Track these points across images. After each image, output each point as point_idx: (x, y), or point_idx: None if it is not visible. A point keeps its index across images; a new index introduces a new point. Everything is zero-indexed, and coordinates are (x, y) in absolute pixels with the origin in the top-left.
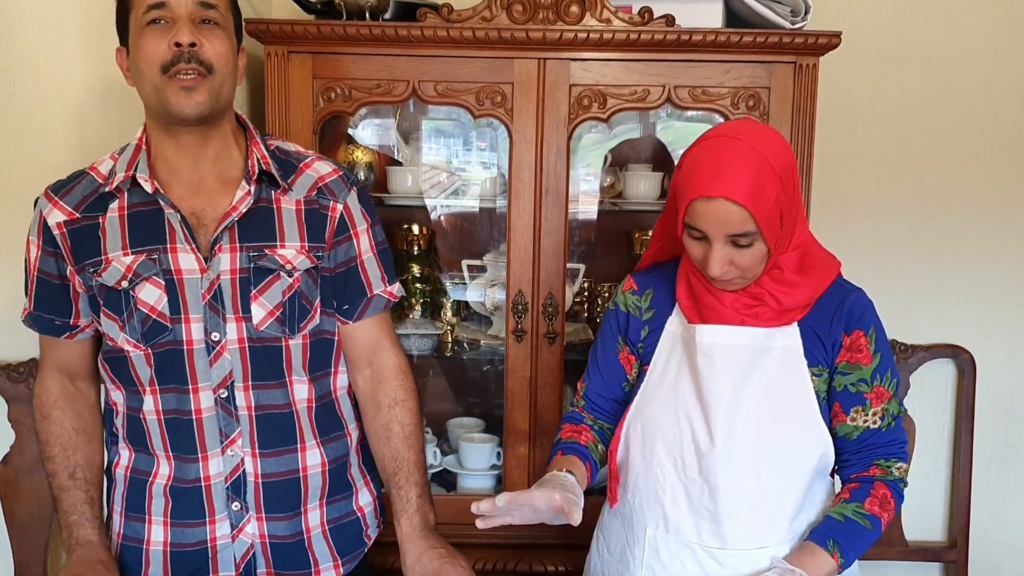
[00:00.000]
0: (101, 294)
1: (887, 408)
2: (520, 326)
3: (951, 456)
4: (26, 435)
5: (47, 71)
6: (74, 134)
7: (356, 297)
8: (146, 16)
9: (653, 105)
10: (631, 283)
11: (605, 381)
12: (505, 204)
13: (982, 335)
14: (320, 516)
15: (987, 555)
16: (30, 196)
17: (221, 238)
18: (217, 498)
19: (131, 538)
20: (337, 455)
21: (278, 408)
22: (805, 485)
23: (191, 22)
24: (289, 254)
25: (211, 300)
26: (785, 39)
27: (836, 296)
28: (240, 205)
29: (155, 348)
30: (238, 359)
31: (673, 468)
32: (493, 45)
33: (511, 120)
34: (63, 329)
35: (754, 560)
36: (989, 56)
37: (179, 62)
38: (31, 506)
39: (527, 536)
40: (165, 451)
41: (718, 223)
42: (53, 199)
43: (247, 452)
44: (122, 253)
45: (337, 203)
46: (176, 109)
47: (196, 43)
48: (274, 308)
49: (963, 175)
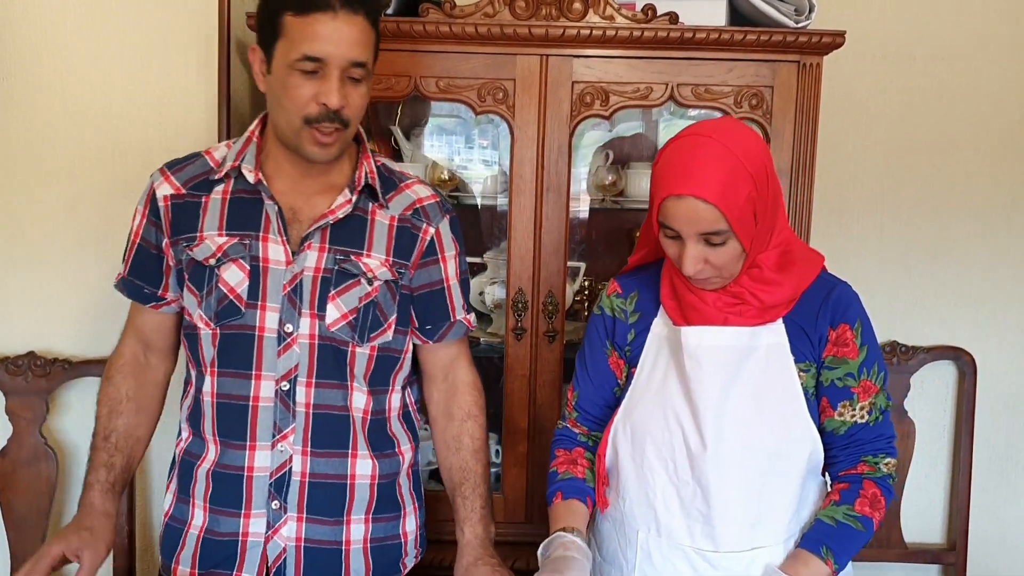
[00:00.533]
0: (188, 268)
1: (874, 402)
2: (520, 324)
3: (951, 458)
4: (24, 428)
5: (47, 65)
6: (76, 129)
7: (440, 320)
8: (300, 64)
9: (656, 103)
10: (615, 286)
11: (596, 388)
12: (506, 201)
13: (983, 337)
14: (364, 531)
15: (986, 558)
16: (30, 193)
17: (312, 236)
18: (257, 492)
19: (177, 519)
20: (389, 471)
21: (336, 410)
22: (797, 485)
23: (342, 78)
24: (373, 264)
25: (291, 292)
26: (789, 38)
27: (821, 290)
28: (339, 210)
29: (223, 329)
30: (306, 354)
31: (664, 471)
32: (495, 41)
33: (513, 117)
34: (150, 298)
35: (747, 562)
36: (994, 57)
37: (323, 120)
38: (28, 499)
39: (525, 534)
40: (214, 435)
41: (689, 222)
42: (166, 174)
43: (297, 450)
44: (216, 233)
45: (430, 226)
46: (307, 155)
47: (343, 105)
48: (348, 312)
49: (966, 177)
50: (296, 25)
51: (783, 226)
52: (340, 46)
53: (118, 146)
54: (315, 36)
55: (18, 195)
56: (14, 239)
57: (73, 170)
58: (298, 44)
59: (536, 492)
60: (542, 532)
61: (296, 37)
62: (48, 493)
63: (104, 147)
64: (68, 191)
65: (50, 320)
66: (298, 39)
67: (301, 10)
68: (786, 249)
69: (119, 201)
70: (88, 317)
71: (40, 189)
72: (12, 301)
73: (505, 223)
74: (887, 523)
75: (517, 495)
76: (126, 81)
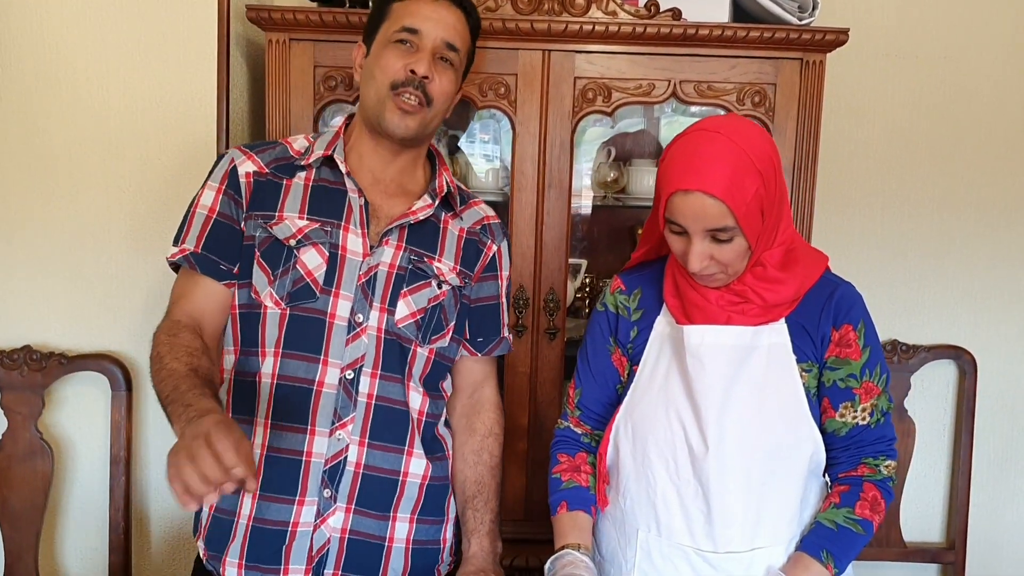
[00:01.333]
0: (263, 245)
1: (876, 404)
2: (520, 321)
3: (951, 457)
4: (20, 423)
5: (44, 58)
6: (73, 122)
7: (491, 333)
8: (397, 34)
9: (658, 100)
10: (619, 283)
11: (599, 386)
12: (507, 196)
13: (984, 336)
14: (408, 530)
15: (985, 557)
16: (27, 186)
17: (391, 233)
18: (312, 478)
19: (224, 510)
20: (439, 475)
21: (396, 404)
22: (798, 485)
23: (432, 55)
24: (444, 268)
25: (364, 284)
26: (792, 35)
27: (824, 290)
28: (420, 212)
29: (294, 311)
30: (373, 346)
31: (665, 470)
32: (497, 36)
33: (514, 112)
34: (225, 275)
35: (747, 562)
36: (997, 57)
37: (408, 86)
38: (24, 494)
39: (523, 533)
40: (266, 418)
41: (695, 217)
42: (247, 152)
43: (355, 440)
44: (297, 216)
45: (494, 244)
46: (387, 125)
47: (429, 76)
48: (417, 311)
49: (968, 176)
50: (400, 7)
51: (788, 224)
52: (437, 24)
53: (116, 139)
54: (416, 12)
55: (15, 188)
56: (11, 233)
57: (70, 163)
58: (398, 19)
59: (535, 490)
60: (540, 530)
61: (398, 15)
62: (43, 488)
63: (102, 140)
64: (65, 184)
65: (46, 314)
66: (399, 16)
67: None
68: (790, 248)
69: (117, 194)
70: (85, 311)
71: (37, 182)
72: (8, 295)
73: (506, 219)
74: (886, 522)
75: (516, 493)
76: (124, 74)
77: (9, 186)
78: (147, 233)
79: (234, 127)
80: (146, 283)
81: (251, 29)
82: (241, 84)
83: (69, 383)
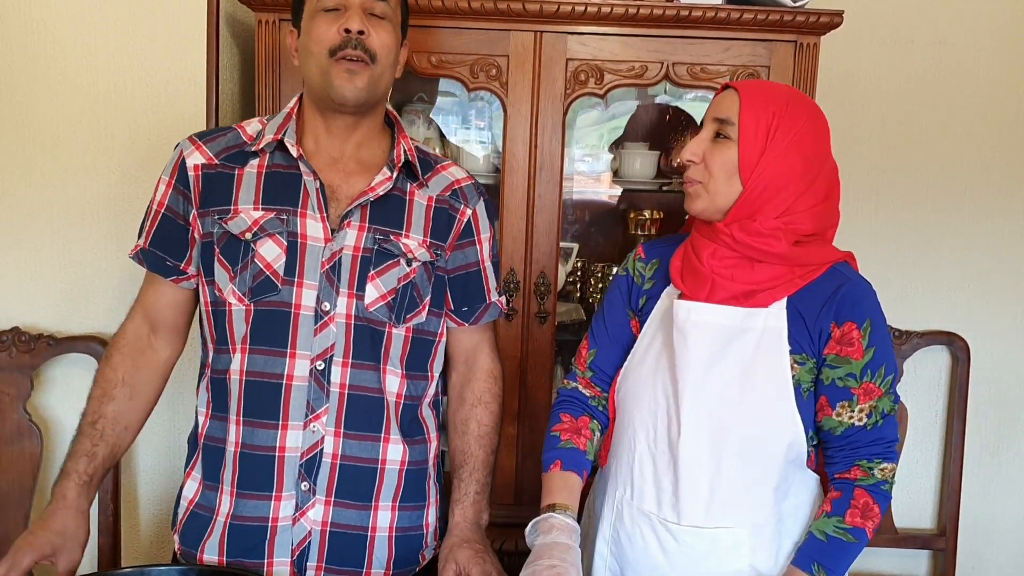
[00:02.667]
0: (220, 241)
1: (876, 406)
2: (511, 305)
3: (943, 444)
4: (8, 404)
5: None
6: (62, 104)
7: (476, 301)
8: (322, 3)
9: (651, 82)
10: (640, 251)
11: (615, 348)
12: (498, 181)
13: (977, 322)
14: (391, 519)
15: (976, 543)
16: (15, 168)
17: (352, 214)
18: (288, 473)
19: (204, 507)
20: (419, 458)
21: (370, 392)
22: (773, 473)
23: (362, 12)
24: (412, 244)
25: (328, 270)
26: (786, 17)
27: (832, 282)
28: (379, 188)
29: (258, 305)
30: (343, 333)
31: (645, 438)
32: (489, 16)
33: (506, 94)
34: (172, 271)
35: (710, 539)
36: (992, 42)
37: (346, 47)
38: (12, 476)
39: (512, 516)
40: (238, 415)
41: (715, 105)
42: (196, 143)
43: (330, 431)
44: (252, 207)
45: (467, 208)
46: (337, 92)
47: (364, 31)
48: (388, 292)
49: (962, 161)
50: None
51: (808, 219)
52: None
53: (105, 121)
54: None
55: (4, 169)
56: (0, 214)
57: (59, 145)
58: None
59: (525, 474)
60: (531, 514)
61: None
62: (32, 470)
63: (91, 122)
64: (54, 166)
65: (35, 296)
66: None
67: None
68: (799, 239)
69: (106, 176)
70: (73, 293)
71: (25, 164)
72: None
73: (497, 202)
74: None
75: (506, 478)
76: (114, 55)
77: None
78: (135, 215)
79: (224, 107)
80: (134, 265)
81: (240, 9)
82: (231, 64)
83: (57, 364)
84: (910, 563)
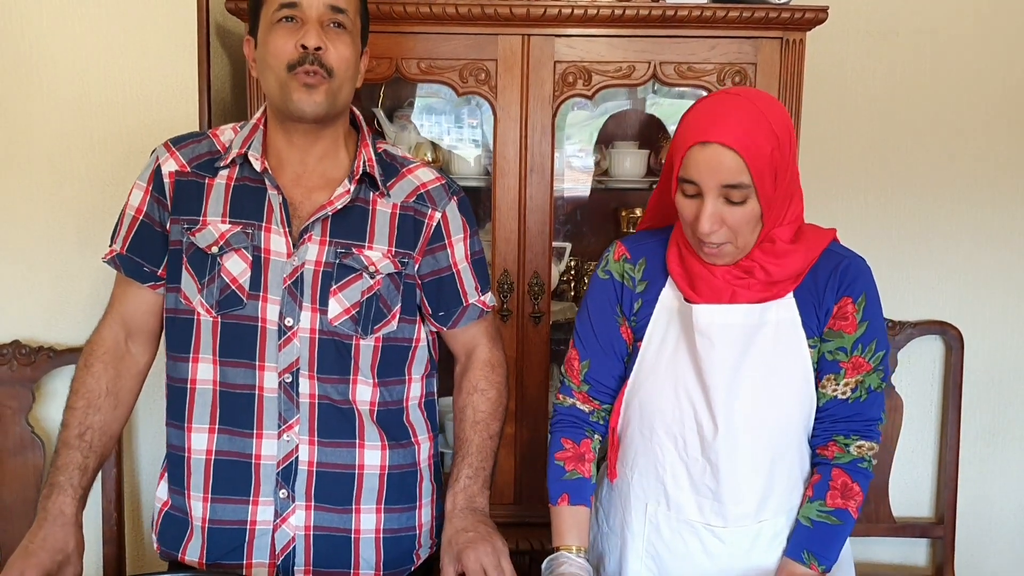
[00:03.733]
0: (188, 251)
1: (862, 381)
2: (505, 306)
3: (939, 432)
4: (10, 417)
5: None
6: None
7: (452, 305)
8: (278, 13)
9: (638, 82)
10: (623, 250)
11: (608, 358)
12: (490, 183)
13: (970, 312)
14: (376, 521)
15: (974, 531)
16: (11, 181)
17: (312, 228)
18: (265, 480)
19: (177, 509)
20: (403, 461)
21: (339, 403)
22: (803, 458)
23: (320, 24)
24: (375, 256)
25: (291, 285)
26: (771, 14)
27: (831, 262)
28: (337, 201)
29: (224, 318)
30: (307, 348)
31: (674, 447)
32: (476, 21)
33: (495, 98)
34: (149, 277)
35: (754, 534)
36: (977, 31)
37: (304, 63)
38: (15, 488)
39: (513, 515)
40: (211, 423)
41: (712, 171)
42: (171, 149)
43: (304, 440)
44: (220, 220)
45: (436, 211)
46: (296, 106)
47: (322, 47)
48: (351, 306)
49: (950, 151)
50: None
51: (799, 204)
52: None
53: (98, 133)
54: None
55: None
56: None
57: (54, 157)
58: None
59: (525, 474)
60: (531, 512)
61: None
62: (35, 482)
63: (84, 134)
64: (49, 179)
65: (34, 308)
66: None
67: None
68: (800, 226)
69: (101, 188)
70: (72, 305)
71: (21, 177)
72: None
73: (489, 204)
74: (875, 498)
75: (505, 477)
76: (105, 68)
77: None
78: None
79: (216, 119)
80: None
81: (230, 20)
82: (223, 76)
83: (58, 376)
84: (909, 552)
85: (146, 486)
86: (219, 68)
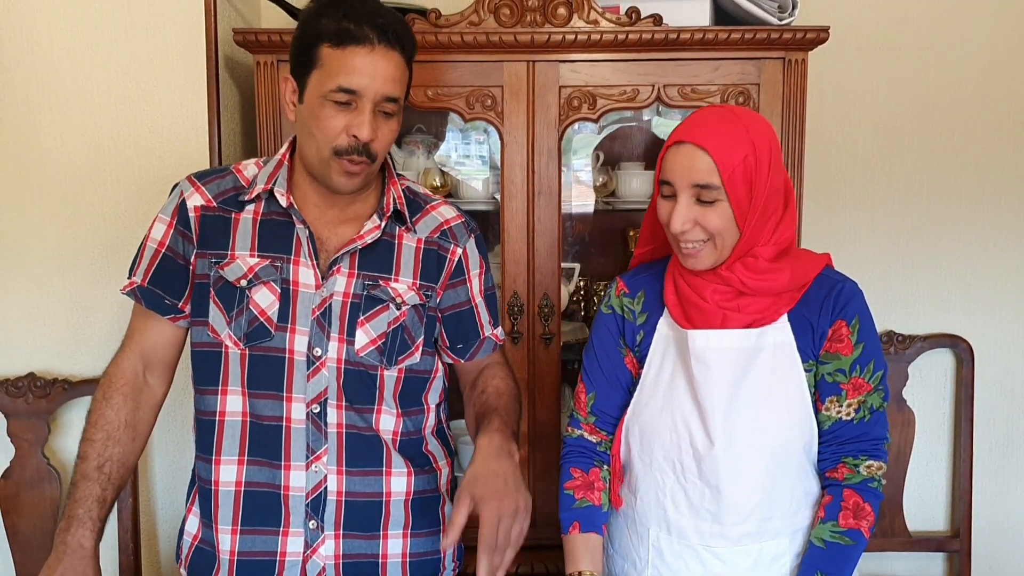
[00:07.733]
0: (216, 285)
1: (864, 401)
2: (516, 328)
3: (952, 445)
4: (27, 450)
5: (36, 86)
6: (67, 150)
7: (470, 338)
8: (335, 95)
9: (643, 104)
10: (622, 286)
11: (614, 390)
12: (498, 206)
13: (979, 324)
14: (403, 546)
15: (991, 543)
16: (24, 214)
17: (341, 260)
18: (295, 512)
19: (207, 542)
20: (426, 488)
21: (366, 431)
22: (802, 479)
23: (374, 112)
24: (401, 288)
25: (319, 316)
26: (773, 35)
27: (825, 286)
28: (367, 236)
29: (252, 350)
30: (334, 378)
31: (672, 472)
32: (482, 49)
33: (502, 123)
34: (170, 310)
35: (756, 553)
36: (978, 44)
37: (352, 153)
38: (33, 520)
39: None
40: (240, 455)
41: (683, 170)
42: (196, 184)
43: (332, 470)
44: (248, 254)
45: (458, 247)
46: (334, 185)
47: (373, 139)
48: (377, 337)
49: (956, 165)
50: (333, 57)
51: (789, 228)
52: (375, 80)
53: (110, 166)
54: (351, 68)
55: (12, 216)
56: (10, 261)
57: (66, 190)
58: (334, 75)
59: (538, 495)
60: (545, 535)
61: (332, 68)
62: (52, 514)
63: (96, 167)
64: (62, 211)
65: (49, 341)
66: (334, 70)
67: (339, 42)
68: (788, 248)
69: (113, 220)
70: (86, 337)
71: (34, 210)
72: (10, 323)
73: (498, 228)
74: (890, 513)
75: None
76: (116, 102)
77: (7, 213)
78: None
79: (226, 149)
80: None
81: (238, 51)
82: (232, 106)
83: (74, 408)
84: (926, 566)
85: (162, 515)
86: (228, 99)
